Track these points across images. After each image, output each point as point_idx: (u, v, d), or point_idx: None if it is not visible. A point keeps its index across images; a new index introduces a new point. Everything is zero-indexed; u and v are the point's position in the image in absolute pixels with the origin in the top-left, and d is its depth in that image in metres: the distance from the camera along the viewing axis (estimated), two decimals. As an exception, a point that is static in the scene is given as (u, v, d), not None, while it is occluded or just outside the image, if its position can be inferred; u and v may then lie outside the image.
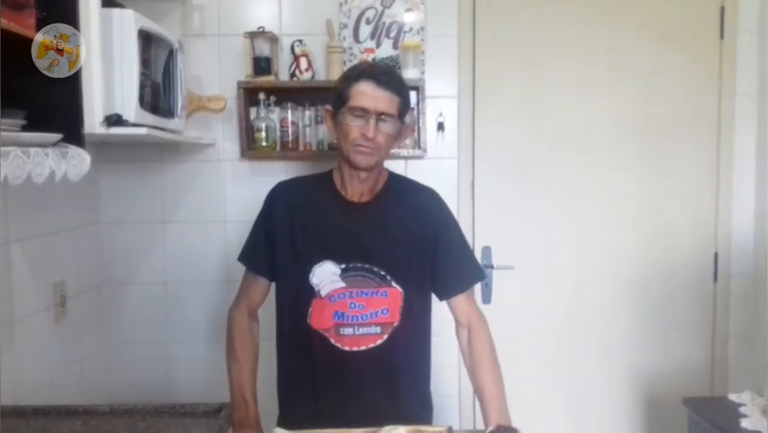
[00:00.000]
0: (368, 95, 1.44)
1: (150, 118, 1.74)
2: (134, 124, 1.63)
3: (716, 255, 2.40)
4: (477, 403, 1.57)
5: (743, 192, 2.37)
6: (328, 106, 1.55)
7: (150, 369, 2.34)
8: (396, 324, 1.51)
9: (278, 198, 1.58)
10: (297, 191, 1.59)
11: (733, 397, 1.78)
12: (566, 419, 2.42)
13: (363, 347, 1.50)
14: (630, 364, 2.41)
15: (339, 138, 1.50)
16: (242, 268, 1.63)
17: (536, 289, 2.39)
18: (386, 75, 1.48)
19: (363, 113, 1.44)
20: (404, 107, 1.49)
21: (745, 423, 1.59)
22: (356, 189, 1.53)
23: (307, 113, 2.24)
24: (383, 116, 1.44)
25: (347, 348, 1.50)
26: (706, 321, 2.42)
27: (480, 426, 1.54)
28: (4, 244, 1.66)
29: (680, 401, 1.81)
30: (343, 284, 1.49)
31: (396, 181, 1.61)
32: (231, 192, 2.31)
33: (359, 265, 1.50)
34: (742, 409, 1.68)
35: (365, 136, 1.43)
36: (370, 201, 1.55)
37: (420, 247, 1.54)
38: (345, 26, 2.24)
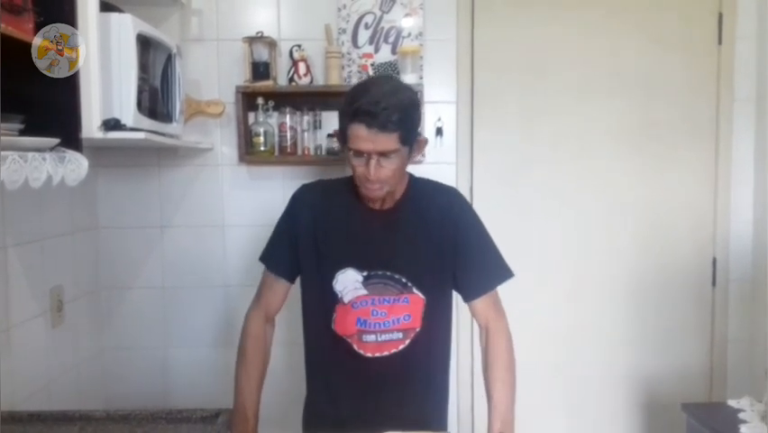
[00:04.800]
0: (362, 138, 1.37)
1: (148, 123, 1.74)
2: (132, 129, 1.63)
3: (714, 260, 2.40)
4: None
5: (741, 197, 2.37)
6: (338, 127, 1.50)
7: (147, 374, 2.33)
8: (418, 329, 1.52)
9: (302, 201, 1.57)
10: (320, 195, 1.58)
11: (732, 403, 1.78)
12: (565, 423, 2.41)
13: (386, 353, 1.51)
14: (629, 369, 2.41)
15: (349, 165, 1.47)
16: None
17: (535, 293, 2.38)
18: (380, 113, 1.34)
19: (363, 154, 1.39)
20: (407, 135, 1.40)
21: (744, 429, 1.60)
22: (375, 203, 1.53)
23: (306, 118, 2.23)
24: (383, 154, 1.39)
25: (369, 355, 1.51)
26: (704, 326, 2.41)
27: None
28: (1, 249, 1.65)
29: (678, 406, 1.80)
30: (366, 291, 1.49)
31: (417, 185, 1.58)
32: (229, 197, 2.30)
33: (380, 273, 1.50)
34: (741, 415, 1.68)
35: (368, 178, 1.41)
36: (391, 208, 1.54)
37: (442, 252, 1.53)
38: (344, 31, 2.25)
